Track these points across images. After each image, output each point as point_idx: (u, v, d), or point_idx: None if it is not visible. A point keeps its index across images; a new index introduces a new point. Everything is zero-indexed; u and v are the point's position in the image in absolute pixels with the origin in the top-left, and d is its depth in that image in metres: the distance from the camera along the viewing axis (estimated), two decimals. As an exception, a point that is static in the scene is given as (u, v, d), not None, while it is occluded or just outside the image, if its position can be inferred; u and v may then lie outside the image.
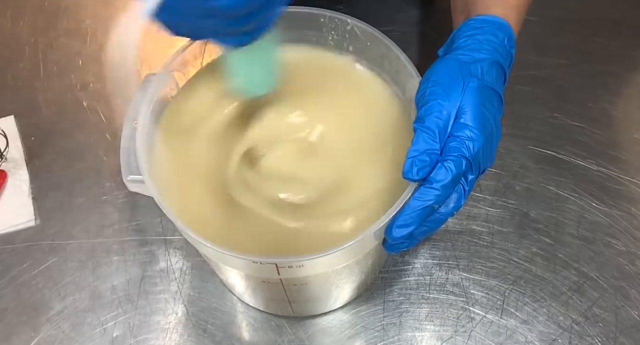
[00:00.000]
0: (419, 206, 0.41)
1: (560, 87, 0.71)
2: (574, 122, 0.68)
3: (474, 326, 0.56)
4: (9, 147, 0.66)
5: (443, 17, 0.76)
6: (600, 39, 0.75)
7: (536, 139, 0.67)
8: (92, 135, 0.68)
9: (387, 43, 0.49)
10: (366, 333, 0.56)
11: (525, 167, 0.65)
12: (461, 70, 0.43)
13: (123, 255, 0.61)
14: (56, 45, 0.76)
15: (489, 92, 0.44)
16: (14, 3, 0.80)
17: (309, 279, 0.47)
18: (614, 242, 0.60)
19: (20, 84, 0.73)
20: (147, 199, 0.45)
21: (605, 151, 0.66)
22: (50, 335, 0.57)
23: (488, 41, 0.45)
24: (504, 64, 0.46)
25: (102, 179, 0.65)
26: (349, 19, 0.50)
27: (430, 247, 0.60)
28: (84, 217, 0.63)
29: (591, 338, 0.56)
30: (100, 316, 0.57)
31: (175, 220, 0.42)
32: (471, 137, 0.41)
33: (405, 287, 0.58)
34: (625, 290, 0.58)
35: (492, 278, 0.59)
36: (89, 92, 0.72)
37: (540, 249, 0.60)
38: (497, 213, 0.62)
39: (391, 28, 0.56)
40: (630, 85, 0.72)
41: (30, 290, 0.59)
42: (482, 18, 0.47)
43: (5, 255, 0.61)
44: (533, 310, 0.57)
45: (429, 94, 0.43)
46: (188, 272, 0.59)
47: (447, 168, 0.41)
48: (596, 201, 0.63)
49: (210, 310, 0.57)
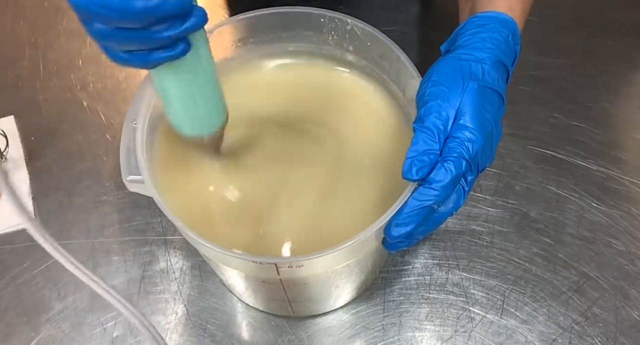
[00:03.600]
0: (418, 206, 0.41)
1: (560, 87, 0.71)
2: (574, 122, 0.68)
3: (474, 326, 0.56)
4: (9, 147, 0.66)
5: (443, 17, 0.77)
6: (600, 39, 0.75)
7: (536, 139, 0.67)
8: (92, 135, 0.68)
9: (387, 43, 0.49)
10: (366, 333, 0.56)
11: (525, 167, 0.65)
12: (462, 70, 0.43)
13: (123, 255, 0.61)
14: (56, 45, 0.76)
15: (490, 92, 0.44)
16: (14, 3, 0.80)
17: (309, 279, 0.47)
18: (614, 242, 0.60)
19: (20, 84, 0.73)
20: (147, 199, 0.45)
21: (605, 151, 0.66)
22: (50, 335, 0.57)
23: (492, 39, 0.45)
24: (507, 62, 0.46)
25: (102, 179, 0.65)
26: (349, 19, 0.50)
27: (430, 247, 0.60)
28: (84, 217, 0.63)
29: (591, 338, 0.56)
30: (100, 316, 0.57)
31: (175, 221, 0.42)
32: (471, 139, 0.41)
33: (405, 287, 0.58)
34: (625, 290, 0.58)
35: (492, 278, 0.59)
36: (89, 92, 0.72)
37: (540, 249, 0.60)
38: (497, 213, 0.62)
39: (391, 28, 0.57)
40: (630, 85, 0.72)
41: (30, 290, 0.59)
42: (486, 14, 0.47)
43: (5, 255, 0.61)
44: (533, 310, 0.57)
45: (429, 94, 0.43)
46: (188, 272, 0.59)
47: (446, 169, 0.41)
48: (596, 201, 0.63)
49: (210, 310, 0.57)
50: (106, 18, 0.32)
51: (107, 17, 0.32)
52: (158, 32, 0.33)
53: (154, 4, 0.32)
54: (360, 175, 0.49)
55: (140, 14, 0.32)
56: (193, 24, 0.34)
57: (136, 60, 0.36)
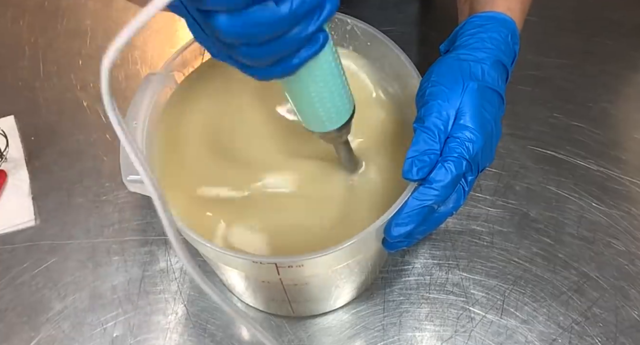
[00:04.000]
0: (418, 206, 0.41)
1: (560, 87, 0.71)
2: (574, 122, 0.68)
3: (474, 326, 0.56)
4: (9, 147, 0.66)
5: (443, 17, 0.77)
6: (600, 39, 0.75)
7: (536, 139, 0.67)
8: (92, 135, 0.68)
9: (387, 43, 0.49)
10: (366, 333, 0.56)
11: (525, 167, 0.65)
12: (462, 70, 0.43)
13: (123, 255, 0.61)
14: (56, 45, 0.76)
15: (489, 92, 0.44)
16: (14, 3, 0.80)
17: (309, 279, 0.47)
18: (614, 242, 0.60)
19: (20, 84, 0.73)
20: (147, 199, 0.45)
21: (605, 151, 0.66)
22: (50, 335, 0.57)
23: (491, 39, 0.45)
24: (507, 62, 0.46)
25: (102, 179, 0.65)
26: (349, 19, 0.50)
27: (430, 247, 0.60)
28: (84, 217, 0.63)
29: (591, 338, 0.56)
30: (100, 316, 0.57)
31: (175, 220, 0.42)
32: (471, 139, 0.41)
33: (405, 287, 0.58)
34: (625, 290, 0.58)
35: (492, 278, 0.59)
36: (89, 92, 0.72)
37: (540, 249, 0.60)
38: (497, 213, 0.62)
39: (391, 28, 0.57)
40: (630, 85, 0.72)
41: (30, 290, 0.59)
42: (486, 15, 0.47)
43: (6, 255, 0.61)
44: (533, 310, 0.57)
45: (429, 94, 0.43)
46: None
47: (447, 169, 0.41)
48: (596, 201, 0.63)
49: (210, 310, 0.57)
50: (257, 36, 0.30)
51: (258, 35, 0.30)
52: (303, 31, 0.31)
53: (297, 3, 0.29)
54: (360, 175, 0.49)
55: (289, 18, 0.30)
56: (330, 10, 0.32)
57: (282, 69, 0.33)
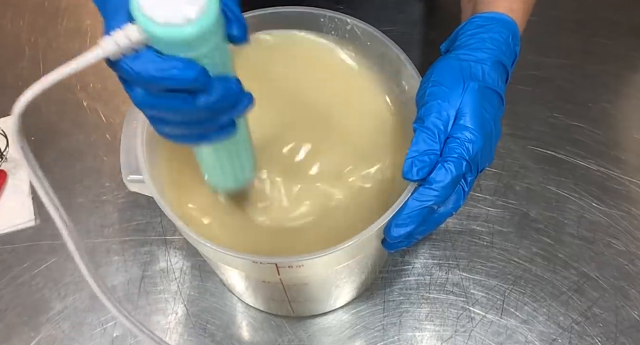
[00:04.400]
0: (418, 206, 0.41)
1: (560, 87, 0.71)
2: (574, 122, 0.68)
3: (474, 326, 0.56)
4: (9, 147, 0.66)
5: (443, 17, 0.77)
6: (600, 39, 0.75)
7: (536, 139, 0.67)
8: (92, 135, 0.68)
9: (387, 43, 0.49)
10: (366, 333, 0.56)
11: (525, 167, 0.65)
12: (462, 70, 0.43)
13: (123, 255, 0.61)
14: (56, 45, 0.76)
15: (489, 93, 0.44)
16: (14, 3, 0.80)
17: (309, 279, 0.47)
18: (614, 242, 0.60)
19: (20, 84, 0.73)
20: (147, 199, 0.45)
21: (605, 151, 0.66)
22: (50, 335, 0.57)
23: (492, 40, 0.45)
24: (507, 63, 0.46)
25: (102, 179, 0.65)
26: (349, 18, 0.50)
27: (430, 247, 0.60)
28: (84, 217, 0.63)
29: (591, 338, 0.56)
30: (100, 316, 0.57)
31: (175, 220, 0.42)
32: (471, 139, 0.41)
33: (405, 287, 0.58)
34: (625, 290, 0.58)
35: (492, 278, 0.59)
36: (89, 92, 0.72)
37: (540, 249, 0.60)
38: (497, 213, 0.62)
39: (391, 28, 0.57)
40: (630, 85, 0.72)
41: (30, 290, 0.59)
42: (487, 15, 0.46)
43: (6, 255, 0.61)
44: (533, 310, 0.57)
45: (429, 94, 0.43)
46: (188, 272, 0.59)
47: (447, 169, 0.41)
48: (596, 201, 0.63)
49: (210, 310, 0.57)
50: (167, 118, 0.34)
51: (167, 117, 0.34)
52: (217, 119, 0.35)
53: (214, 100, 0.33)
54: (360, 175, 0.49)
55: (205, 110, 0.33)
56: (246, 107, 0.35)
57: (188, 140, 0.37)
